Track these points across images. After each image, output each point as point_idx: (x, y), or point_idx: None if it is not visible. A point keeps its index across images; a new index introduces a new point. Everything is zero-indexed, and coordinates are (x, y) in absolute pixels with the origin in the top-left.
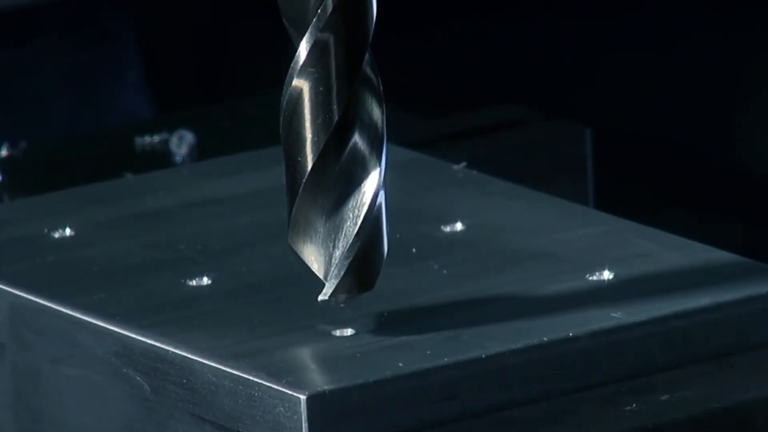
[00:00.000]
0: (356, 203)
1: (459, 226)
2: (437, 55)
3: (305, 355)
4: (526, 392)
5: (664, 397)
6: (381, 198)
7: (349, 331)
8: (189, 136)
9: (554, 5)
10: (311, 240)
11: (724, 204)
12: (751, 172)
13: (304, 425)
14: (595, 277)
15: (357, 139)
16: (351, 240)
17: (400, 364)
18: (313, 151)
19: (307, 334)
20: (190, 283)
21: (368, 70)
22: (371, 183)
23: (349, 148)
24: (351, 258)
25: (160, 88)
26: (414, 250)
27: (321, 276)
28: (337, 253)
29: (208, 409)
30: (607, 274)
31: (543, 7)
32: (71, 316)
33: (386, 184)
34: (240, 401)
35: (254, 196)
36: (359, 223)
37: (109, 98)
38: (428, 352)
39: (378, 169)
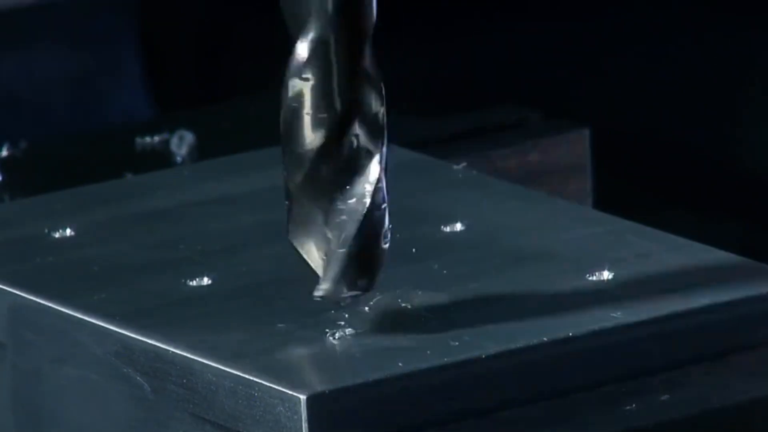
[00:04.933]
0: (357, 200)
1: (459, 226)
2: (437, 54)
3: (305, 355)
4: (526, 392)
5: (664, 397)
6: (383, 194)
7: (349, 331)
8: (189, 136)
9: (554, 5)
10: (310, 236)
11: (724, 204)
12: (751, 172)
13: (304, 425)
14: (595, 277)
15: (358, 135)
16: (351, 238)
17: (400, 364)
18: (313, 147)
19: (307, 334)
20: (190, 283)
21: (369, 66)
22: (372, 179)
23: (349, 144)
24: (350, 256)
25: (160, 88)
26: (414, 250)
27: (319, 273)
28: (336, 251)
29: (208, 409)
30: (607, 274)
31: (543, 7)
32: (71, 316)
33: (387, 181)
34: (240, 401)
35: (254, 196)
36: (359, 220)
37: (109, 98)
38: (428, 352)
39: (378, 166)
